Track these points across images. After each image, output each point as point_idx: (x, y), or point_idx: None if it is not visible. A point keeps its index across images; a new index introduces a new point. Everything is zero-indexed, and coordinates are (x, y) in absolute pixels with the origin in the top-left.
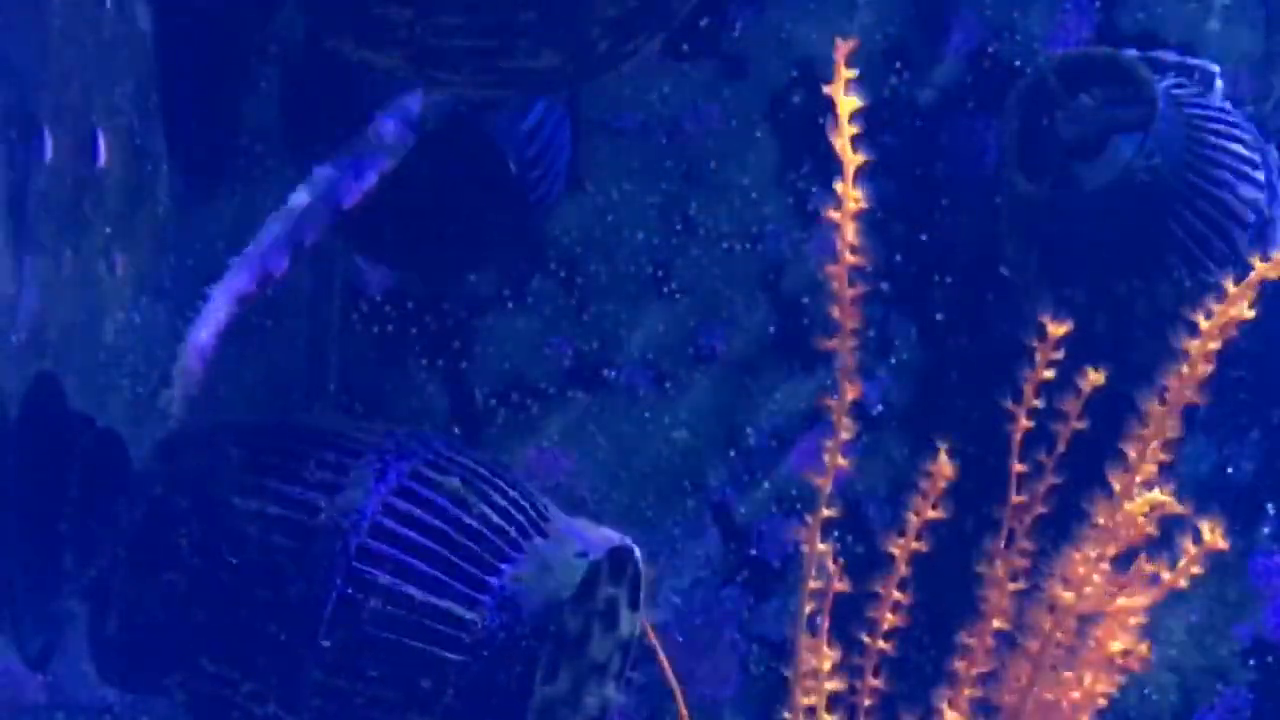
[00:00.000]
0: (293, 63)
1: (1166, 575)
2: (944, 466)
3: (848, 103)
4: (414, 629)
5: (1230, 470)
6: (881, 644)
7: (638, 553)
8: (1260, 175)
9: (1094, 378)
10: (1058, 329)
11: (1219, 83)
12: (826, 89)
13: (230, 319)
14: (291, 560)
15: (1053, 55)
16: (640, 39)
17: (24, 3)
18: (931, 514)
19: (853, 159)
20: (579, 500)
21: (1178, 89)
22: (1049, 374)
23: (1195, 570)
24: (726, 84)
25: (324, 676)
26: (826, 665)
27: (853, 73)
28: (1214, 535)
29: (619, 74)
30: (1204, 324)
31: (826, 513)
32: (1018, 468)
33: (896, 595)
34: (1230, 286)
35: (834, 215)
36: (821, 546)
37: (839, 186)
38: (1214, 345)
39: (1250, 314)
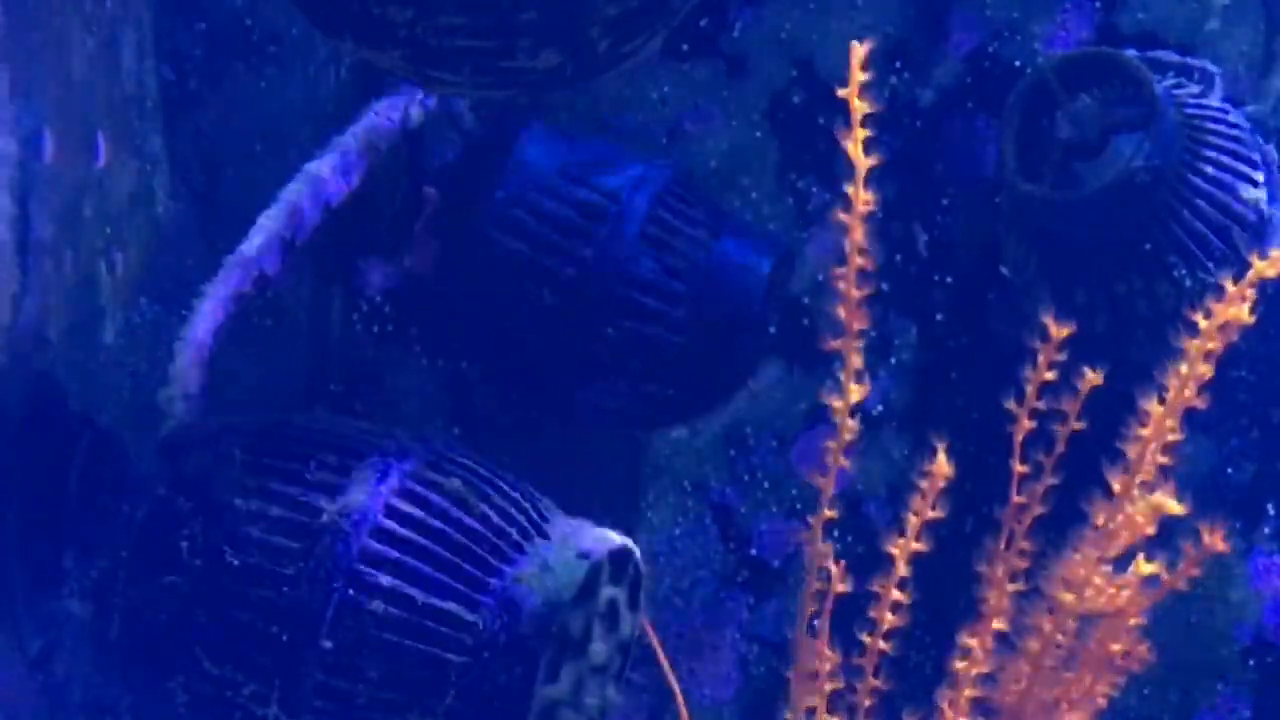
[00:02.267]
0: None
1: (1165, 576)
2: (942, 466)
3: (861, 106)
4: (415, 630)
5: (1230, 470)
6: (881, 644)
7: (638, 553)
8: (1260, 175)
9: (1092, 378)
10: (1060, 330)
11: (1219, 83)
12: (841, 92)
13: (226, 318)
14: (293, 561)
15: (1053, 55)
16: (641, 39)
17: (26, 3)
18: (931, 514)
19: (864, 162)
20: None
21: (1178, 89)
22: (1050, 375)
23: (1194, 572)
24: (726, 84)
25: (325, 678)
26: (826, 666)
27: (866, 76)
28: (1213, 538)
29: (619, 74)
30: (1203, 324)
31: (828, 514)
32: (1019, 468)
33: (896, 595)
34: (1229, 286)
35: (843, 217)
36: (822, 547)
37: (850, 189)
38: (1213, 345)
39: (1250, 319)
